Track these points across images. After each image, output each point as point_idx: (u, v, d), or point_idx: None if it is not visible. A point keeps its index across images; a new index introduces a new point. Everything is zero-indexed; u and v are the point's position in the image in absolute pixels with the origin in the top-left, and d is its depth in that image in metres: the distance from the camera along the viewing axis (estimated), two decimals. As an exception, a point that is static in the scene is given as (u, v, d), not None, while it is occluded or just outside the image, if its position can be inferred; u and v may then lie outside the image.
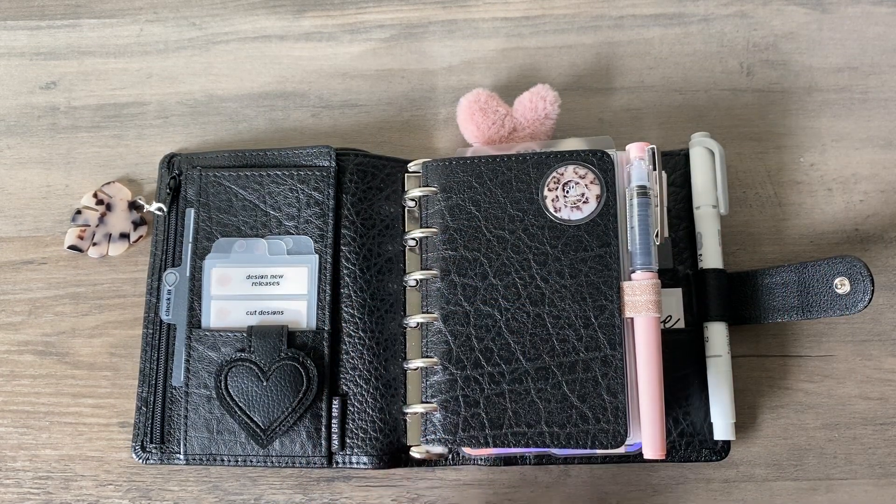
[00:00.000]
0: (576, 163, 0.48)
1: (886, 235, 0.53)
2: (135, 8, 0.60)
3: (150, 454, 0.49)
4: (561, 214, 0.47)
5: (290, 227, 0.51)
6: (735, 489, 0.50)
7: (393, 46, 0.58)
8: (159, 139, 0.57)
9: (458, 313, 0.47)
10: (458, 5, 0.59)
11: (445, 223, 0.48)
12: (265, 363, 0.48)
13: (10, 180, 0.56)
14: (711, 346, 0.49)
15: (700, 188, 0.50)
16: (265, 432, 0.47)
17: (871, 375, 0.51)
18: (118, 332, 0.53)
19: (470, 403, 0.46)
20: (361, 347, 0.49)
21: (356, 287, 0.50)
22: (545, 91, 0.53)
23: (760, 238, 0.53)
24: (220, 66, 0.58)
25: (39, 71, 0.59)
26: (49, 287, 0.54)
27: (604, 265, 0.46)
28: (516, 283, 0.47)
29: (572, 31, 0.58)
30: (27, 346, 0.53)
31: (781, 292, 0.48)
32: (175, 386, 0.50)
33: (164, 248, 0.52)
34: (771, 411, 0.51)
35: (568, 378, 0.45)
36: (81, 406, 0.52)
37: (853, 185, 0.54)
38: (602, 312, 0.46)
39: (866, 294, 0.44)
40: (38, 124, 0.57)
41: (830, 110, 0.56)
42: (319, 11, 0.59)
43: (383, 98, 0.57)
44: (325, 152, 0.52)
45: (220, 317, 0.50)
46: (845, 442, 0.50)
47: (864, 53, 0.57)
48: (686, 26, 0.58)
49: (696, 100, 0.56)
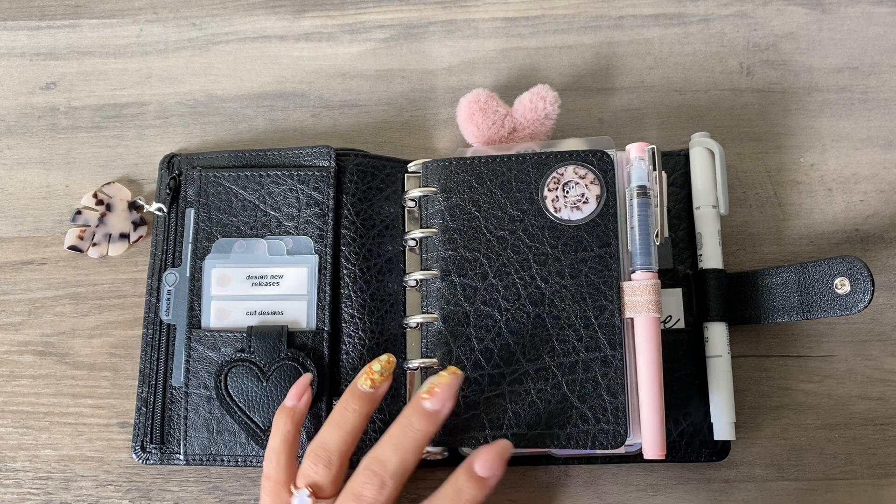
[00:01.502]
0: (576, 163, 0.48)
1: (886, 235, 0.53)
2: (135, 8, 0.60)
3: (150, 454, 0.49)
4: (561, 214, 0.47)
5: (289, 227, 0.51)
6: (735, 489, 0.50)
7: (393, 46, 0.58)
8: (159, 139, 0.57)
9: (458, 314, 0.47)
10: (458, 5, 0.59)
11: (445, 223, 0.48)
12: (265, 363, 0.48)
13: (10, 180, 0.56)
14: (711, 347, 0.49)
15: (700, 188, 0.50)
16: (265, 432, 0.47)
17: (871, 375, 0.51)
18: (118, 332, 0.53)
19: (470, 404, 0.46)
20: (361, 348, 0.49)
21: (356, 287, 0.50)
22: (545, 91, 0.53)
23: (760, 238, 0.53)
24: (220, 67, 0.58)
25: (39, 71, 0.59)
26: (49, 287, 0.54)
27: (604, 265, 0.46)
28: (516, 283, 0.47)
29: (572, 31, 0.58)
30: (27, 346, 0.53)
31: (781, 292, 0.48)
32: (175, 386, 0.50)
33: (164, 248, 0.52)
34: (771, 411, 0.51)
35: (568, 378, 0.45)
36: (81, 406, 0.52)
37: (853, 185, 0.54)
38: (602, 312, 0.46)
39: (866, 294, 0.44)
40: (38, 124, 0.57)
41: (830, 110, 0.56)
42: (319, 11, 0.59)
43: (383, 98, 0.57)
44: (325, 152, 0.52)
45: (220, 317, 0.50)
46: (845, 442, 0.50)
47: (864, 53, 0.57)
48: (686, 26, 0.58)
49: (696, 100, 0.56)
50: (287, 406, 0.45)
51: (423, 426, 0.41)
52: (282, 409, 0.45)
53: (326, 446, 0.42)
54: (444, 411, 0.42)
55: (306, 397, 0.45)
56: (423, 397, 0.42)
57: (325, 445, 0.42)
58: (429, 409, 0.41)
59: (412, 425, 0.41)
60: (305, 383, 0.46)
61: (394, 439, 0.41)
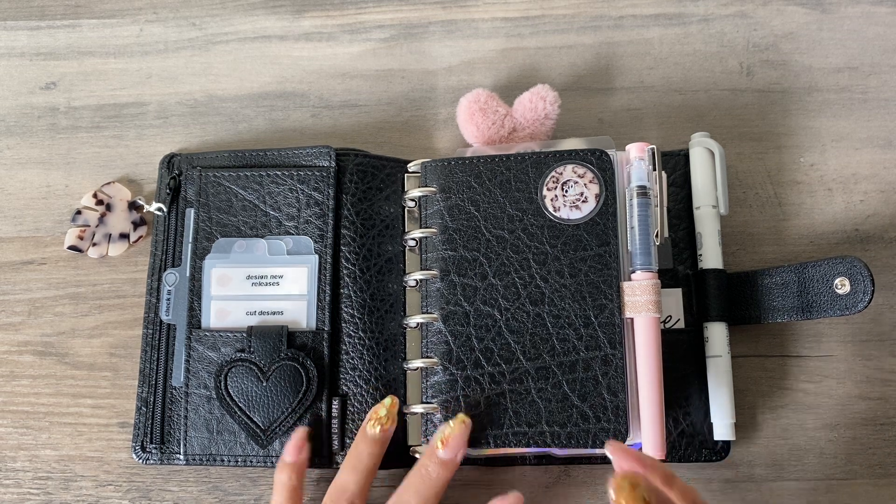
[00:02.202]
0: (574, 162, 0.48)
1: (886, 235, 0.53)
2: (135, 8, 0.60)
3: (151, 454, 0.49)
4: (560, 214, 0.47)
5: (289, 227, 0.51)
6: (735, 489, 0.49)
7: (393, 46, 0.58)
8: (159, 139, 0.57)
9: (458, 313, 0.47)
10: (458, 5, 0.59)
11: (445, 223, 0.48)
12: (265, 363, 0.48)
13: (10, 180, 0.56)
14: (711, 347, 0.49)
15: (700, 188, 0.50)
16: (265, 433, 0.47)
17: (871, 375, 0.51)
18: (118, 332, 0.53)
19: (470, 404, 0.46)
20: (361, 348, 0.49)
21: (356, 287, 0.50)
22: (545, 91, 0.53)
23: (760, 238, 0.53)
24: (220, 67, 0.58)
25: (39, 71, 0.59)
26: (49, 287, 0.54)
27: (603, 264, 0.46)
28: (516, 282, 0.47)
29: (572, 31, 0.58)
30: (27, 346, 0.53)
31: (781, 292, 0.48)
32: (175, 386, 0.50)
33: (164, 248, 0.52)
34: (771, 411, 0.51)
35: (568, 377, 0.45)
36: (81, 406, 0.52)
37: (853, 185, 0.54)
38: (602, 311, 0.46)
39: (866, 294, 0.44)
40: (38, 124, 0.57)
41: (830, 110, 0.56)
42: (319, 11, 0.59)
43: (383, 98, 0.57)
44: (325, 152, 0.52)
45: (220, 317, 0.50)
46: (845, 442, 0.50)
47: (864, 53, 0.57)
48: (686, 26, 0.58)
49: (696, 100, 0.56)
50: (287, 461, 0.46)
51: (440, 473, 0.44)
52: (282, 464, 0.46)
53: (347, 489, 0.44)
54: (458, 458, 0.44)
55: (305, 451, 0.47)
56: (437, 447, 0.44)
57: (345, 488, 0.44)
58: (444, 458, 0.44)
59: (430, 474, 0.44)
60: (302, 438, 0.47)
61: (413, 486, 0.44)
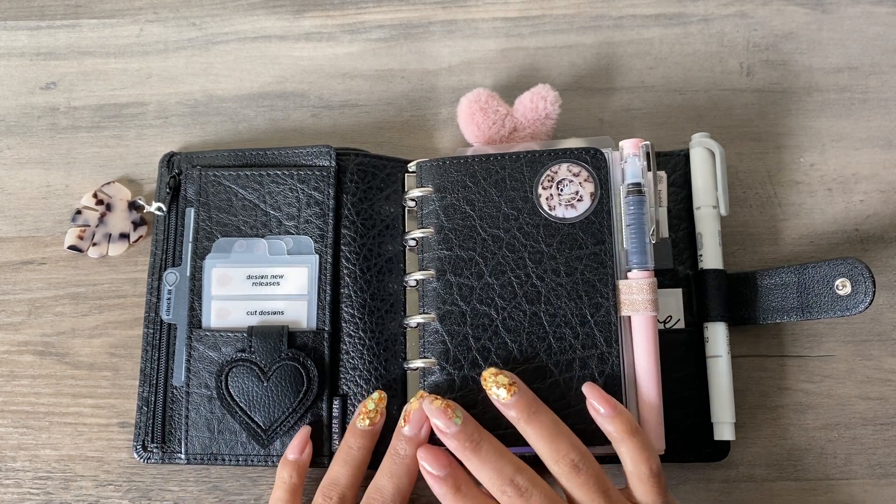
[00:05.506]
0: (569, 161, 0.48)
1: (886, 235, 0.53)
2: (135, 8, 0.60)
3: (152, 454, 0.49)
4: (555, 213, 0.47)
5: (290, 226, 0.51)
6: (735, 489, 0.49)
7: (393, 46, 0.58)
8: (159, 139, 0.57)
9: (455, 313, 0.47)
10: (458, 5, 0.59)
11: (440, 223, 0.48)
12: (266, 363, 0.48)
13: (10, 180, 0.56)
14: (711, 347, 0.49)
15: (700, 188, 0.50)
16: (266, 432, 0.47)
17: (871, 375, 0.51)
18: (118, 332, 0.53)
19: (469, 404, 0.46)
20: (361, 348, 0.49)
21: (356, 287, 0.50)
22: (546, 91, 0.53)
23: (760, 238, 0.53)
24: (220, 66, 0.58)
25: (39, 71, 0.59)
26: (49, 287, 0.54)
27: (599, 263, 0.46)
28: (512, 281, 0.47)
29: (572, 31, 0.58)
30: (27, 346, 0.53)
31: (781, 293, 0.48)
32: (176, 386, 0.50)
33: (164, 247, 0.52)
34: (771, 411, 0.51)
35: (565, 376, 0.45)
36: (81, 406, 0.52)
37: (853, 185, 0.54)
38: (598, 310, 0.46)
39: (867, 296, 0.44)
40: (38, 124, 0.57)
41: (830, 110, 0.56)
42: (319, 11, 0.59)
43: (383, 98, 0.57)
44: (326, 152, 0.52)
45: (221, 317, 0.50)
46: (845, 442, 0.50)
47: (864, 53, 0.57)
48: (686, 26, 0.58)
49: (696, 100, 0.56)
50: (290, 459, 0.47)
51: (408, 451, 0.44)
52: (285, 462, 0.47)
53: (338, 482, 0.45)
54: (423, 433, 0.45)
55: (308, 449, 0.47)
56: (401, 426, 0.45)
57: (336, 482, 0.45)
58: (408, 435, 0.44)
59: (398, 453, 0.44)
60: (305, 436, 0.47)
61: (386, 468, 0.44)
